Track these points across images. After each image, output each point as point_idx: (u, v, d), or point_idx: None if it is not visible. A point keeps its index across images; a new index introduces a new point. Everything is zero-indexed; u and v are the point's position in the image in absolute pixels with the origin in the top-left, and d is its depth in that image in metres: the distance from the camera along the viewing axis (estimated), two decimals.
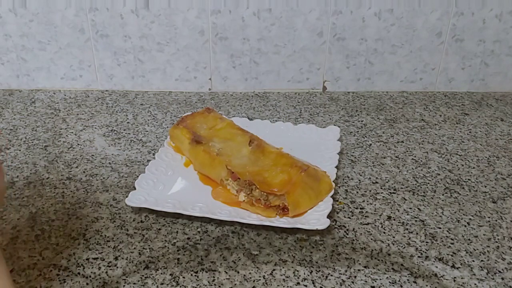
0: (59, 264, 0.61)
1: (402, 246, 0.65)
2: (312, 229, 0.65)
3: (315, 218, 0.67)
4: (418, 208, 0.72)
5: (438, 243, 0.65)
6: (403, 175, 0.81)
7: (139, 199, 0.70)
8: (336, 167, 0.78)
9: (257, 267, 0.61)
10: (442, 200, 0.74)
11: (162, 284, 0.58)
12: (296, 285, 0.58)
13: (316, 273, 0.60)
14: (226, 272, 0.60)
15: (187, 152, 0.81)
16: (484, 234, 0.67)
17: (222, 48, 1.08)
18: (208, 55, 1.09)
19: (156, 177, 0.76)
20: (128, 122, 0.98)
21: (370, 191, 0.76)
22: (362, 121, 0.99)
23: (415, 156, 0.86)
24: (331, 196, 0.70)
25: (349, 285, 0.58)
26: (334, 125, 0.94)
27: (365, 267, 0.61)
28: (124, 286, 0.58)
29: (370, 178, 0.80)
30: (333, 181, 0.74)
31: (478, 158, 0.86)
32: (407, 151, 0.88)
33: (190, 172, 0.79)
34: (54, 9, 1.04)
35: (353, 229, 0.68)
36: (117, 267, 0.60)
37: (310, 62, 1.10)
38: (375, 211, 0.72)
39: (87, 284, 0.58)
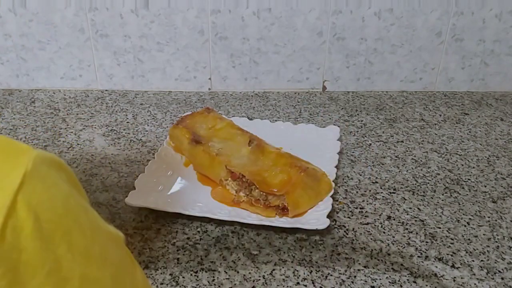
0: None
1: (402, 246, 0.65)
2: (312, 229, 0.65)
3: (315, 218, 0.67)
4: (418, 208, 0.72)
5: (438, 243, 0.65)
6: (403, 175, 0.80)
7: (138, 199, 0.70)
8: (336, 167, 0.78)
9: (257, 267, 0.61)
10: (442, 200, 0.74)
11: (162, 284, 0.58)
12: (295, 285, 0.58)
13: (316, 273, 0.60)
14: (226, 272, 0.60)
15: (186, 152, 0.81)
16: (484, 234, 0.67)
17: (222, 47, 1.08)
18: (207, 55, 1.09)
19: (156, 177, 0.76)
20: (127, 122, 0.98)
21: (370, 191, 0.76)
22: (362, 121, 0.99)
23: (415, 156, 0.86)
24: (331, 196, 0.70)
25: (348, 285, 0.58)
26: (334, 125, 0.94)
27: (364, 267, 0.61)
28: None
29: (370, 178, 0.80)
30: (333, 181, 0.74)
31: (478, 158, 0.86)
32: (407, 151, 0.88)
33: (190, 172, 0.79)
34: (53, 9, 1.04)
35: (353, 229, 0.68)
36: None
37: (310, 62, 1.10)
38: (375, 211, 0.72)
39: None
